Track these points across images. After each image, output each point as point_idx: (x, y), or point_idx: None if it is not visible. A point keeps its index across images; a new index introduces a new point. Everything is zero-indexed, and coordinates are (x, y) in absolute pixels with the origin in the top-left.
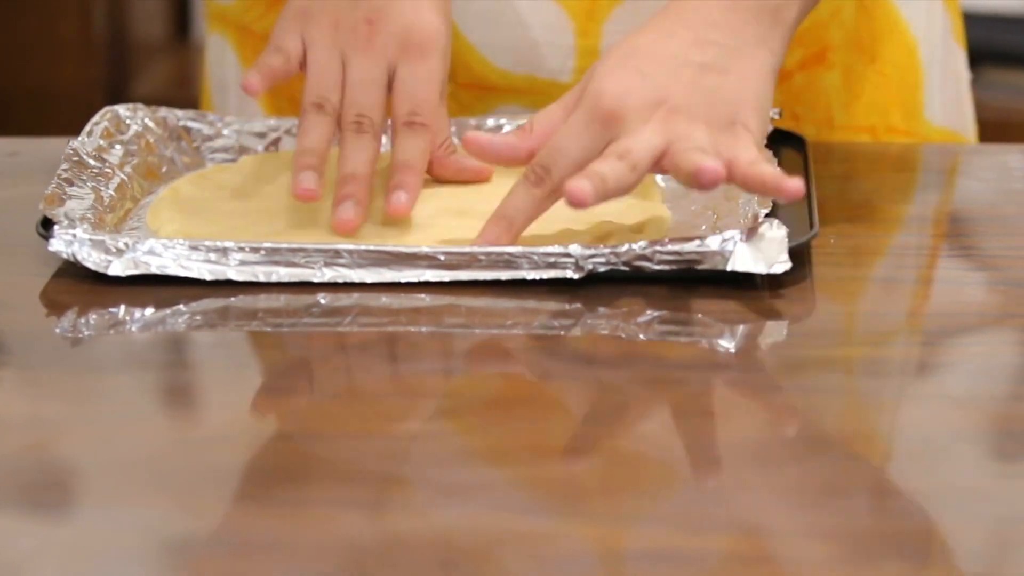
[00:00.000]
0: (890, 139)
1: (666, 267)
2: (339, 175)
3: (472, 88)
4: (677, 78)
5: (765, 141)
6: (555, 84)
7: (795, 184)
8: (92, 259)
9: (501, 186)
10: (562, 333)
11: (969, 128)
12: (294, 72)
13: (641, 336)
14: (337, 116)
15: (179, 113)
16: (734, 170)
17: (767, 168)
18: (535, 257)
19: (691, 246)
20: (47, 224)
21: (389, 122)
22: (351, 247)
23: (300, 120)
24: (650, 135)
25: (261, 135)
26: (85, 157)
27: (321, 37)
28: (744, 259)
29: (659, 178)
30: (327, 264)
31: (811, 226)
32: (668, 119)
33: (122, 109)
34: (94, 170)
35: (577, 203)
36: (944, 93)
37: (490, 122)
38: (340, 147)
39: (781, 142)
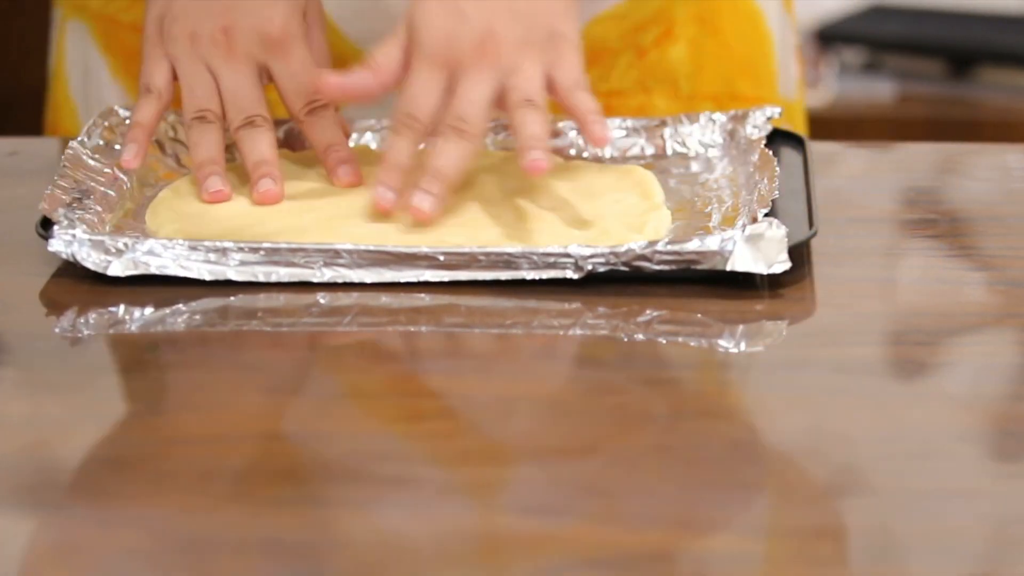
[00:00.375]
0: (735, 106)
1: (666, 267)
2: (248, 165)
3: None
4: (493, 10)
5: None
6: None
7: (600, 132)
8: (92, 259)
9: (491, 184)
10: (562, 333)
11: (794, 90)
12: (171, 102)
13: (641, 336)
14: (221, 123)
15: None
16: (555, 93)
17: (583, 100)
18: (535, 257)
19: (691, 246)
20: (47, 224)
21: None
22: (351, 247)
23: (187, 136)
24: (481, 88)
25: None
26: (85, 157)
27: (183, 54)
28: (744, 259)
29: (659, 178)
30: (327, 264)
31: (810, 226)
32: (497, 54)
33: (122, 109)
34: (94, 170)
35: (424, 219)
36: (786, 64)
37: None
38: (239, 148)
39: (781, 142)
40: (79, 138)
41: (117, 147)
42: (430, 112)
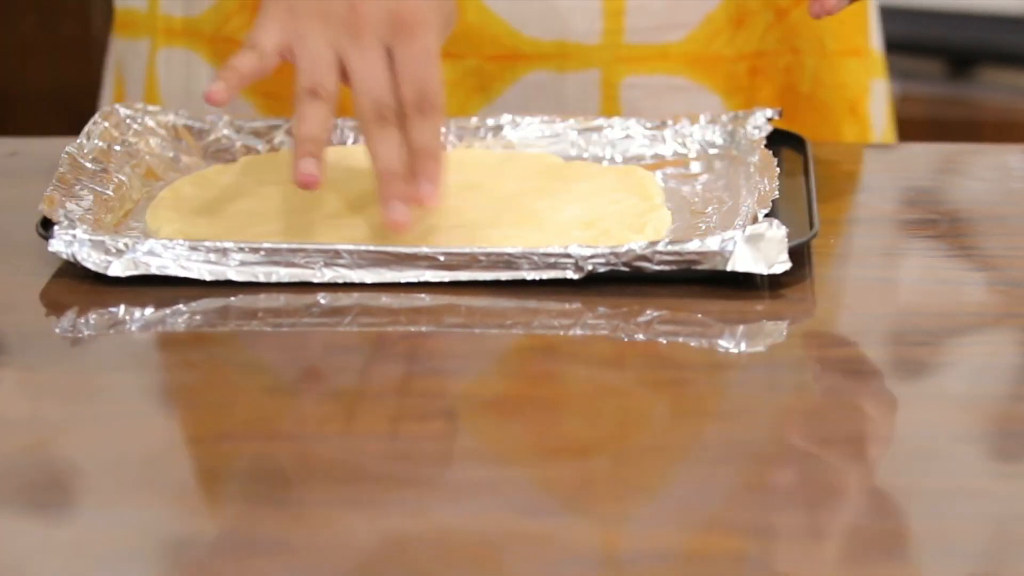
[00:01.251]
0: (866, 61)
1: (666, 267)
2: (377, 171)
3: (500, 59)
4: None
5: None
6: (582, 47)
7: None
8: (92, 259)
9: (491, 184)
10: (562, 333)
11: (879, 41)
12: (269, 69)
13: (641, 336)
14: (334, 103)
15: (179, 113)
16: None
17: None
18: (535, 258)
19: (691, 246)
20: (47, 224)
21: None
22: (351, 247)
23: (296, 107)
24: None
25: (262, 135)
26: (85, 158)
27: (310, 30)
28: (744, 259)
29: (659, 178)
30: (327, 264)
31: (811, 226)
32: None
33: (122, 109)
34: (94, 171)
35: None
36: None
37: (490, 121)
38: (367, 140)
39: (781, 142)
40: (79, 139)
41: (117, 148)
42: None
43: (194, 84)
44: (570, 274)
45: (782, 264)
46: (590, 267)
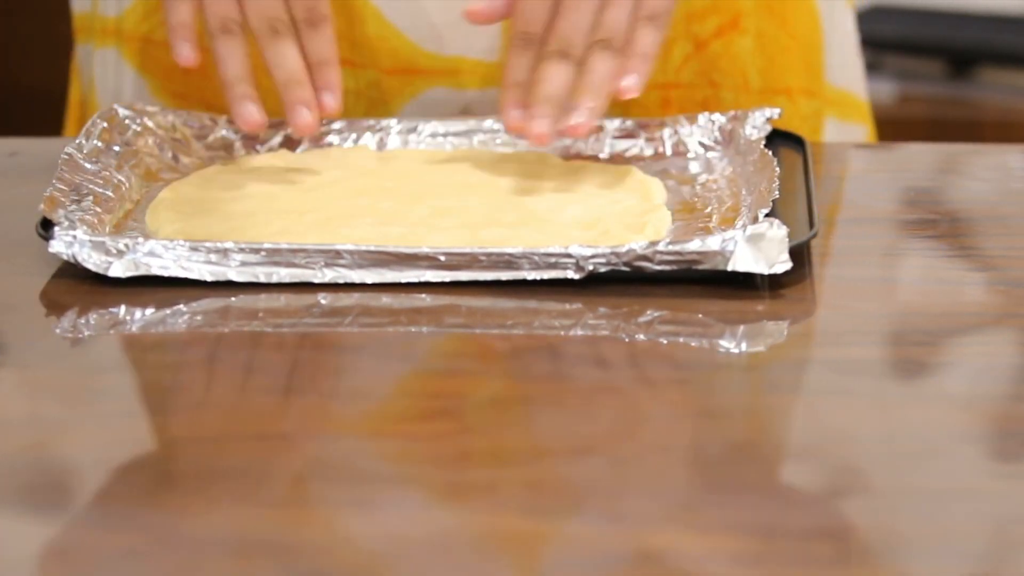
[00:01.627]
0: (798, 101)
1: (667, 267)
2: (278, 81)
3: (400, 74)
4: None
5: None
6: (482, 64)
7: (623, 84)
8: (92, 260)
9: (491, 184)
10: (563, 333)
11: (861, 87)
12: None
13: (641, 336)
14: (245, 34)
15: (178, 113)
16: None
17: (641, 36)
18: (536, 258)
19: (692, 246)
20: (47, 225)
21: None
22: (352, 247)
23: (213, 49)
24: (586, 17)
25: (260, 135)
26: (84, 158)
27: None
28: (745, 259)
29: (659, 178)
30: (328, 265)
31: (811, 226)
32: None
33: (121, 110)
34: (93, 171)
35: (580, 134)
36: (841, 54)
37: (488, 122)
38: (264, 56)
39: (781, 142)
40: (78, 139)
41: (116, 148)
42: (543, 25)
43: (122, 83)
44: (571, 274)
45: (783, 264)
46: (591, 267)
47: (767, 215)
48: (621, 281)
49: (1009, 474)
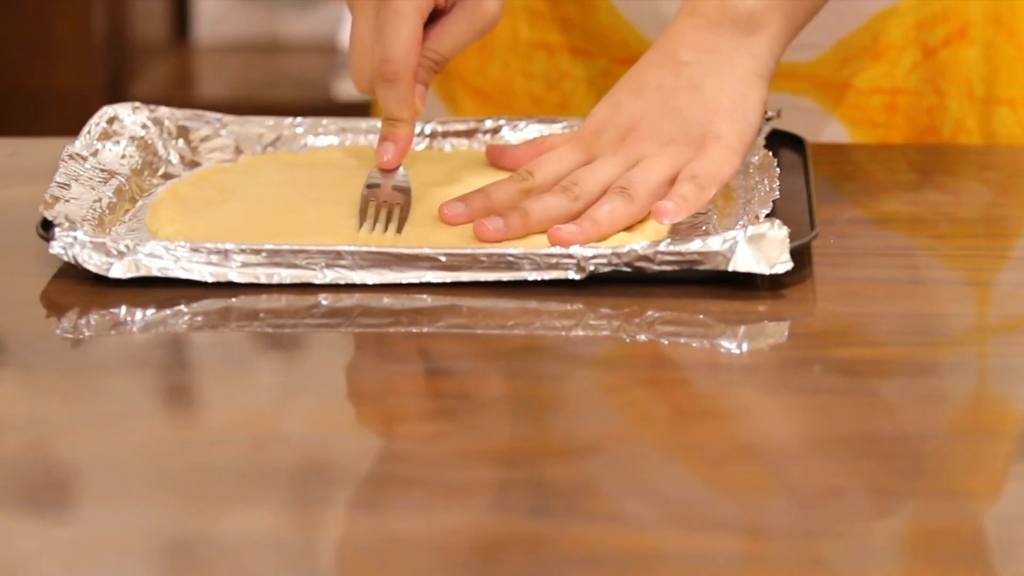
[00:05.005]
0: (1020, 111)
1: (668, 268)
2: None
3: (629, 64)
4: (649, 105)
5: (750, 138)
6: None
7: (659, 216)
8: (93, 261)
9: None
10: (563, 334)
11: None
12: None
13: (643, 337)
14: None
15: (177, 113)
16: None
17: (681, 188)
18: (537, 258)
19: (693, 247)
20: (47, 225)
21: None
22: (352, 248)
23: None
24: (603, 171)
25: (259, 135)
26: (83, 158)
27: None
28: (746, 259)
29: None
30: (328, 265)
31: (811, 227)
32: (634, 146)
33: (120, 109)
34: (93, 171)
35: (564, 243)
36: None
37: (488, 123)
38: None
39: (781, 143)
40: (78, 139)
41: (116, 148)
42: (547, 176)
43: None
44: (572, 275)
45: (784, 264)
46: (592, 268)
47: (768, 215)
48: (622, 282)
49: (1009, 474)
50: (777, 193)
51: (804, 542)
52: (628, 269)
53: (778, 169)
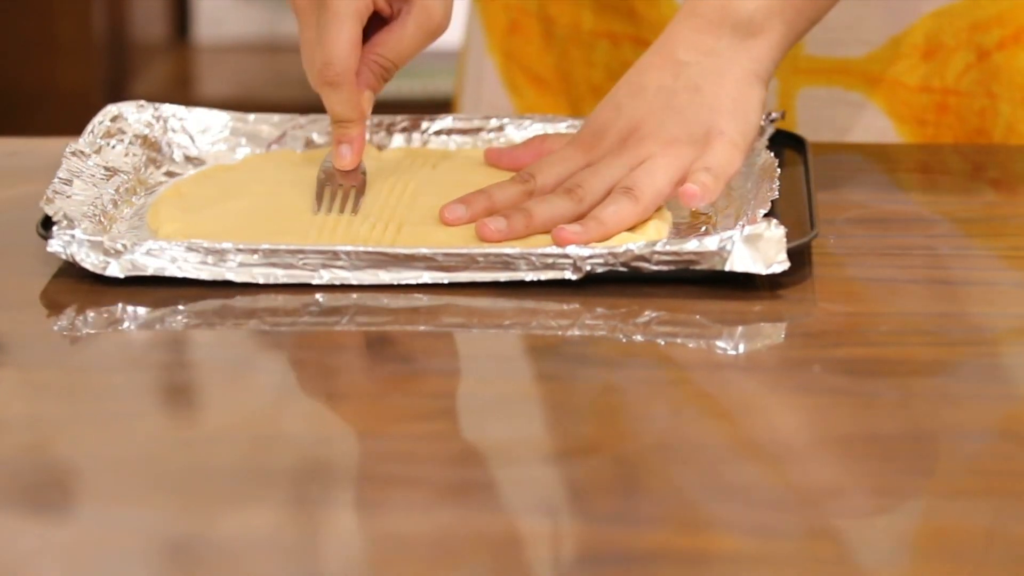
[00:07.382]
0: None
1: (664, 267)
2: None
3: None
4: (649, 106)
5: (751, 137)
6: None
7: (687, 200)
8: (90, 260)
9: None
10: (560, 333)
11: None
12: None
13: (639, 337)
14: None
15: (180, 111)
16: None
17: (697, 177)
18: (533, 258)
19: (689, 246)
20: (47, 224)
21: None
22: (349, 248)
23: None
24: (610, 171)
25: (264, 133)
26: (86, 155)
27: None
28: (743, 259)
29: None
30: (325, 266)
31: (811, 226)
32: (638, 145)
33: (123, 107)
34: (94, 169)
35: (562, 243)
36: None
37: (494, 121)
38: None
39: (781, 143)
40: (81, 137)
41: (117, 147)
42: (549, 178)
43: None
44: (568, 275)
45: (780, 264)
46: (588, 267)
47: (766, 215)
48: (619, 282)
49: (1009, 474)
50: (776, 193)
51: (804, 542)
52: (625, 269)
53: (778, 169)
